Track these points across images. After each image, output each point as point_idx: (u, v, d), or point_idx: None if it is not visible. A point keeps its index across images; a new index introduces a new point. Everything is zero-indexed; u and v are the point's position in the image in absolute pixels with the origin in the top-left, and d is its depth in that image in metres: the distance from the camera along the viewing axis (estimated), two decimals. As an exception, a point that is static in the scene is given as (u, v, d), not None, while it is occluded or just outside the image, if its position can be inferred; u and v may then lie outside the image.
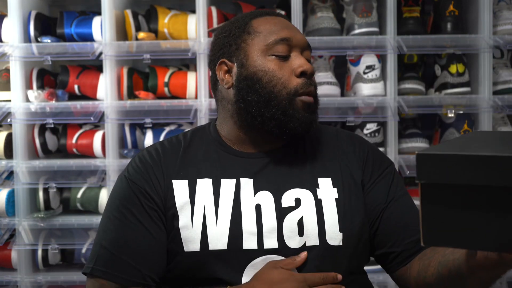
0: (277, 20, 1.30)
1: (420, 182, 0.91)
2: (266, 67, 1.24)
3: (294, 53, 1.26)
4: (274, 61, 1.24)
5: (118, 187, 1.28)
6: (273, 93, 1.23)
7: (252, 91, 1.24)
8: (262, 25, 1.28)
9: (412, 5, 2.33)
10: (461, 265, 1.06)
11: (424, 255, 1.22)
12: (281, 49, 1.25)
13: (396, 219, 1.26)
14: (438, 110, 2.31)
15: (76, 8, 2.52)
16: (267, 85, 1.23)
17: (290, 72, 1.24)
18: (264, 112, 1.23)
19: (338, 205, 1.24)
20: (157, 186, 1.24)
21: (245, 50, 1.26)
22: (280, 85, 1.23)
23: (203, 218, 1.21)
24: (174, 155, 1.29)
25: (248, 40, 1.27)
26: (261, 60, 1.25)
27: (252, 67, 1.25)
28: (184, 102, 2.30)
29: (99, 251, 1.23)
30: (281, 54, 1.25)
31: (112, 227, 1.24)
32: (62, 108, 2.31)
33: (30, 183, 2.31)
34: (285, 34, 1.26)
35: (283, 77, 1.23)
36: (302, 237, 1.21)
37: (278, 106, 1.22)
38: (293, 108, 1.22)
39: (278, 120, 1.22)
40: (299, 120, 1.23)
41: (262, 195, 1.23)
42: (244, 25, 1.28)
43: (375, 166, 1.31)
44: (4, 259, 2.37)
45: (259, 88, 1.23)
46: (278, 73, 1.24)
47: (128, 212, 1.23)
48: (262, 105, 1.23)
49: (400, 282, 1.28)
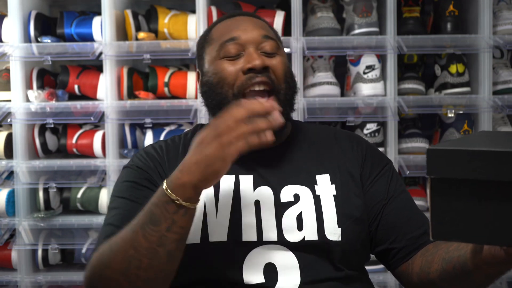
0: (232, 22, 1.30)
1: (430, 177, 0.93)
2: (217, 70, 1.25)
3: (247, 50, 1.25)
4: (224, 62, 1.25)
5: (122, 174, 1.29)
6: (222, 95, 1.24)
7: (208, 96, 1.27)
8: (216, 31, 1.30)
9: (412, 5, 2.34)
10: (466, 261, 1.07)
11: (426, 251, 1.22)
12: (229, 50, 1.25)
13: (396, 215, 1.27)
14: (438, 110, 2.31)
15: (76, 8, 2.52)
16: (217, 87, 1.25)
17: (238, 70, 1.24)
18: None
19: (336, 201, 1.24)
20: (162, 175, 1.25)
21: (205, 59, 1.30)
22: (226, 85, 1.24)
23: (204, 211, 1.22)
24: (176, 152, 1.30)
25: (207, 49, 1.30)
26: (214, 64, 1.26)
27: (207, 72, 1.28)
28: (184, 102, 2.30)
29: (105, 229, 1.20)
30: (230, 55, 1.25)
31: (116, 206, 1.23)
32: (62, 108, 2.31)
33: (30, 183, 2.31)
34: (233, 34, 1.26)
35: (230, 77, 1.24)
36: (301, 231, 1.21)
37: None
38: None
39: None
40: None
41: (261, 190, 1.24)
42: (206, 35, 1.33)
43: (374, 164, 1.31)
44: (4, 259, 2.37)
45: (212, 92, 1.26)
46: (226, 72, 1.24)
47: (133, 189, 1.23)
48: (216, 110, 1.24)
49: (402, 279, 1.29)
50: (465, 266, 1.08)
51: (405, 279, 1.27)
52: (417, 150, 2.33)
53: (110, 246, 1.10)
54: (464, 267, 1.08)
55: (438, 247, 1.20)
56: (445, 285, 1.17)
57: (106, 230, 1.20)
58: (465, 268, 1.08)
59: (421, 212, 1.31)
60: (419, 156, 2.28)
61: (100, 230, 1.23)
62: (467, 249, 1.07)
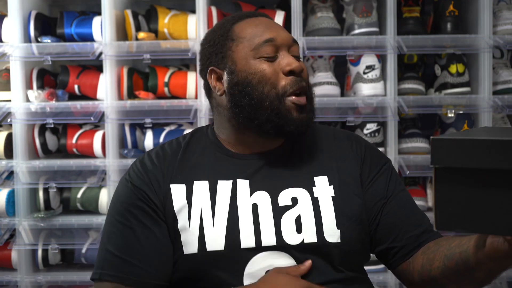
0: (258, 22, 1.30)
1: (434, 166, 0.94)
2: (255, 69, 1.24)
3: (281, 52, 1.26)
4: (263, 62, 1.25)
5: (120, 190, 1.29)
6: (264, 94, 1.23)
7: (244, 96, 1.24)
8: (244, 30, 1.28)
9: (412, 5, 2.34)
10: (469, 257, 1.07)
11: (427, 249, 1.22)
12: (267, 51, 1.25)
13: (396, 214, 1.27)
14: (438, 110, 2.31)
15: (76, 8, 2.52)
16: (257, 87, 1.23)
17: (278, 71, 1.25)
18: (259, 115, 1.23)
19: (335, 202, 1.24)
20: (157, 190, 1.25)
21: (232, 57, 1.27)
22: (269, 85, 1.23)
23: (200, 220, 1.22)
24: (173, 159, 1.29)
25: (233, 47, 1.27)
26: (249, 64, 1.25)
27: (242, 72, 1.25)
28: (184, 102, 2.30)
29: (105, 256, 1.23)
30: (268, 55, 1.25)
31: (115, 231, 1.24)
32: (62, 108, 2.31)
33: (30, 183, 2.31)
34: (269, 35, 1.26)
35: (272, 77, 1.24)
36: (300, 234, 1.21)
37: (270, 107, 1.23)
38: (285, 109, 1.23)
39: (273, 122, 1.23)
40: (294, 122, 1.23)
41: (258, 195, 1.24)
42: (227, 32, 1.29)
43: (373, 163, 1.31)
44: (4, 259, 2.37)
45: (250, 91, 1.24)
46: (267, 73, 1.24)
47: (130, 215, 1.24)
48: (255, 108, 1.23)
49: (403, 277, 1.29)
50: (467, 262, 1.08)
51: (406, 278, 1.27)
52: (417, 150, 2.33)
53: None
54: (466, 263, 1.09)
55: (440, 244, 1.20)
56: (446, 282, 1.17)
57: (106, 256, 1.23)
58: (467, 264, 1.08)
59: (421, 211, 1.31)
60: (419, 156, 2.29)
61: (99, 252, 1.26)
62: (470, 245, 1.07)
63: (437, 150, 0.93)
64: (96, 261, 1.25)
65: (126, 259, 1.21)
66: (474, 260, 1.05)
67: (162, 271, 1.22)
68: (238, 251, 1.19)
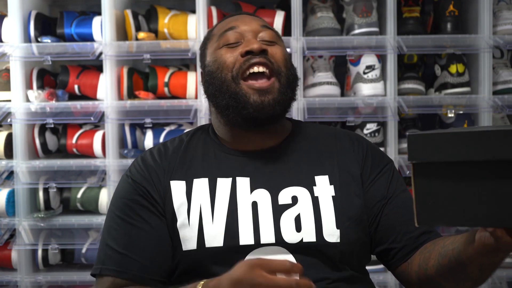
0: (232, 18, 1.35)
1: (412, 162, 0.95)
2: (217, 57, 1.28)
3: (246, 38, 1.28)
4: (223, 50, 1.28)
5: (121, 186, 1.29)
6: (221, 79, 1.25)
7: (208, 85, 1.29)
8: (217, 28, 1.34)
9: (412, 5, 2.34)
10: (460, 253, 1.08)
11: (424, 249, 1.23)
12: (228, 37, 1.28)
13: (396, 215, 1.27)
14: (438, 110, 2.31)
15: (76, 8, 2.52)
16: (216, 73, 1.26)
17: (237, 55, 1.26)
18: (220, 101, 1.26)
19: (335, 202, 1.24)
20: (158, 186, 1.26)
21: (206, 53, 1.33)
22: (225, 69, 1.25)
23: (199, 216, 1.22)
24: (174, 155, 1.30)
25: (208, 45, 1.33)
26: (214, 54, 1.29)
27: (209, 63, 1.30)
28: (184, 102, 2.30)
29: (105, 251, 1.24)
30: (229, 42, 1.28)
31: (116, 226, 1.25)
32: (62, 108, 2.31)
33: (30, 183, 2.31)
34: (232, 24, 1.30)
35: (229, 60, 1.26)
36: (300, 233, 1.21)
37: (228, 92, 1.24)
38: (242, 92, 1.23)
39: (232, 107, 1.24)
40: (252, 105, 1.23)
41: (258, 193, 1.24)
42: (208, 34, 1.36)
43: (374, 163, 1.31)
44: (4, 259, 2.37)
45: (211, 79, 1.27)
46: (225, 57, 1.26)
47: (130, 210, 1.24)
48: (217, 95, 1.26)
49: (402, 278, 1.29)
50: (459, 258, 1.09)
51: (405, 279, 1.27)
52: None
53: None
54: (458, 259, 1.09)
55: (436, 243, 1.20)
56: (441, 280, 1.18)
57: (106, 251, 1.24)
58: (459, 260, 1.09)
59: None
60: (419, 156, 2.28)
61: (99, 248, 1.26)
62: (461, 241, 1.08)
63: (413, 146, 0.94)
64: (97, 256, 1.26)
65: (126, 254, 1.22)
66: (465, 256, 1.06)
67: (161, 266, 1.23)
68: (236, 248, 1.19)
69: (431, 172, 0.93)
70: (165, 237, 1.24)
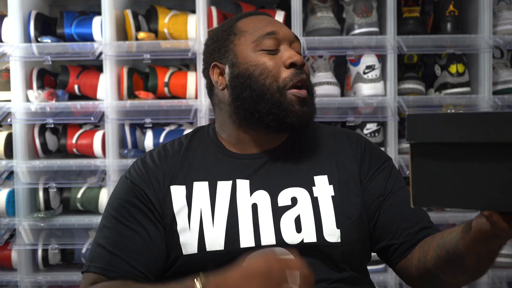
0: (261, 18, 1.32)
1: (410, 142, 0.95)
2: (257, 61, 1.25)
3: (282, 46, 1.28)
4: (264, 55, 1.26)
5: (119, 187, 1.29)
6: (265, 86, 1.24)
7: (245, 87, 1.25)
8: (247, 24, 1.30)
9: (412, 5, 2.34)
10: (457, 242, 1.08)
11: (424, 243, 1.23)
12: (269, 43, 1.27)
13: (394, 211, 1.27)
14: (438, 110, 2.31)
15: (76, 8, 2.52)
16: (259, 79, 1.24)
17: (280, 64, 1.26)
18: (260, 107, 1.24)
19: (335, 202, 1.24)
20: (157, 190, 1.25)
21: (234, 50, 1.28)
22: (271, 77, 1.24)
23: (200, 220, 1.22)
24: (174, 158, 1.30)
25: (235, 41, 1.29)
26: (251, 56, 1.26)
27: (243, 64, 1.26)
28: (184, 102, 2.30)
29: (95, 249, 1.24)
30: (270, 48, 1.27)
31: (109, 225, 1.25)
32: (62, 108, 2.31)
33: (30, 183, 2.31)
34: (271, 28, 1.28)
35: (273, 69, 1.25)
36: (300, 233, 1.21)
37: (272, 100, 1.23)
38: (286, 102, 1.24)
39: (275, 114, 1.24)
40: (295, 115, 1.24)
41: (258, 195, 1.24)
42: (230, 28, 1.31)
43: (372, 161, 1.31)
44: (4, 259, 2.37)
45: (251, 83, 1.25)
46: (269, 65, 1.25)
47: (126, 211, 1.24)
48: (257, 100, 1.24)
49: (402, 274, 1.29)
50: (456, 248, 1.09)
51: (406, 274, 1.27)
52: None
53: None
54: (455, 249, 1.09)
55: (435, 237, 1.21)
56: (439, 272, 1.18)
57: (96, 249, 1.24)
58: (456, 250, 1.09)
59: (420, 208, 1.31)
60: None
61: (91, 247, 1.26)
62: (458, 231, 1.08)
63: (412, 126, 0.94)
64: (88, 254, 1.26)
65: (115, 253, 1.21)
66: (463, 245, 1.06)
67: (149, 270, 1.22)
68: (237, 251, 1.19)
69: (429, 152, 0.93)
70: (158, 242, 1.23)
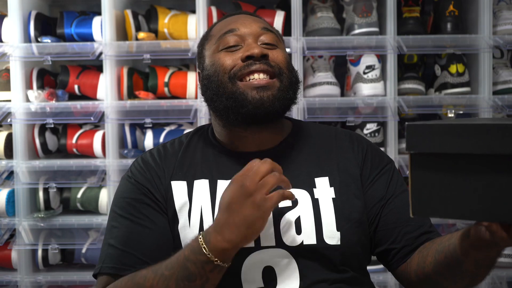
0: (231, 19, 1.32)
1: (410, 152, 0.94)
2: (215, 60, 1.26)
3: (246, 41, 1.26)
4: (222, 53, 1.26)
5: (122, 187, 1.29)
6: (218, 81, 1.24)
7: (206, 89, 1.27)
8: (216, 28, 1.32)
9: (412, 5, 2.34)
10: (456, 248, 1.08)
11: (423, 248, 1.22)
12: (227, 41, 1.26)
13: (395, 216, 1.26)
14: (438, 110, 2.31)
15: (76, 8, 2.52)
16: (214, 76, 1.25)
17: (236, 59, 1.24)
18: (219, 105, 1.24)
19: (335, 204, 1.23)
20: (159, 186, 1.25)
21: (204, 55, 1.31)
22: (222, 71, 1.24)
23: (200, 218, 1.22)
24: (174, 157, 1.30)
25: (206, 45, 1.31)
26: (213, 56, 1.27)
27: (208, 66, 1.28)
28: (184, 102, 2.30)
29: (107, 250, 1.23)
30: (229, 45, 1.26)
31: (117, 225, 1.24)
32: (62, 108, 2.31)
33: (30, 183, 2.31)
34: (232, 26, 1.28)
35: (226, 63, 1.24)
36: (300, 235, 1.20)
37: (225, 93, 1.22)
38: (239, 91, 1.21)
39: (231, 107, 1.22)
40: (250, 102, 1.21)
41: None
42: (207, 34, 1.33)
43: (374, 163, 1.30)
44: (4, 259, 2.37)
45: (210, 82, 1.25)
46: (225, 62, 1.24)
47: (132, 208, 1.24)
48: (215, 98, 1.24)
49: (402, 278, 1.28)
50: (454, 253, 1.09)
51: (405, 279, 1.27)
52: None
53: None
54: (454, 255, 1.09)
55: (434, 242, 1.20)
56: (438, 278, 1.17)
57: (107, 250, 1.23)
58: (454, 256, 1.09)
59: None
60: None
61: (101, 249, 1.25)
62: (457, 236, 1.08)
63: (412, 135, 0.93)
64: (99, 257, 1.25)
65: (127, 251, 1.21)
66: (461, 251, 1.06)
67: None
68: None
69: (428, 162, 0.92)
70: (168, 234, 1.23)
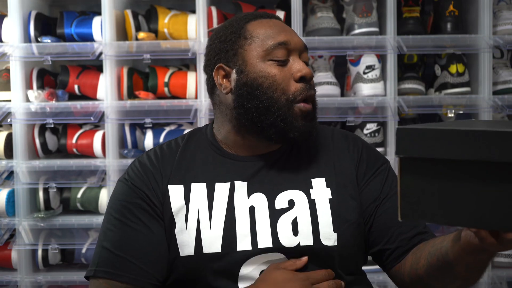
0: (272, 23, 1.27)
1: (399, 156, 0.94)
2: (266, 73, 1.22)
3: (292, 56, 1.24)
4: (274, 66, 1.23)
5: (118, 190, 1.28)
6: (273, 99, 1.21)
7: (252, 97, 1.22)
8: (258, 29, 1.25)
9: (412, 5, 2.34)
10: (447, 251, 1.08)
11: (417, 249, 1.22)
12: (279, 54, 1.23)
13: (390, 216, 1.26)
14: (438, 110, 2.31)
15: (76, 8, 2.52)
16: (267, 91, 1.21)
17: (289, 77, 1.23)
18: (264, 119, 1.22)
19: (332, 205, 1.23)
20: (156, 190, 1.25)
21: (243, 56, 1.24)
22: (279, 90, 1.21)
23: (197, 222, 1.22)
24: (171, 160, 1.28)
25: (245, 46, 1.24)
26: (261, 65, 1.23)
27: (252, 73, 1.23)
28: (184, 102, 2.30)
29: (100, 253, 1.22)
30: (280, 59, 1.23)
31: (112, 228, 1.24)
32: (62, 108, 2.31)
33: (30, 183, 2.31)
34: (283, 38, 1.24)
35: (283, 82, 1.22)
36: (297, 236, 1.21)
37: (278, 112, 1.21)
38: (292, 115, 1.21)
39: (278, 127, 1.21)
40: (299, 129, 1.22)
41: (255, 197, 1.23)
42: (240, 30, 1.26)
43: (369, 164, 1.30)
44: (4, 259, 2.37)
45: (259, 94, 1.22)
46: (278, 78, 1.22)
47: (128, 212, 1.23)
48: (262, 112, 1.21)
49: (396, 279, 1.28)
50: (446, 257, 1.09)
51: (399, 280, 1.27)
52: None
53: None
54: (445, 258, 1.09)
55: (428, 243, 1.20)
56: (431, 281, 1.18)
57: (101, 253, 1.22)
58: (446, 259, 1.09)
59: None
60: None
61: (95, 250, 1.25)
62: (449, 239, 1.08)
63: (402, 139, 0.93)
64: (92, 259, 1.24)
65: (122, 256, 1.20)
66: (452, 254, 1.07)
67: (158, 270, 1.22)
68: (234, 253, 1.19)
69: (418, 167, 0.92)
70: (163, 240, 1.22)
